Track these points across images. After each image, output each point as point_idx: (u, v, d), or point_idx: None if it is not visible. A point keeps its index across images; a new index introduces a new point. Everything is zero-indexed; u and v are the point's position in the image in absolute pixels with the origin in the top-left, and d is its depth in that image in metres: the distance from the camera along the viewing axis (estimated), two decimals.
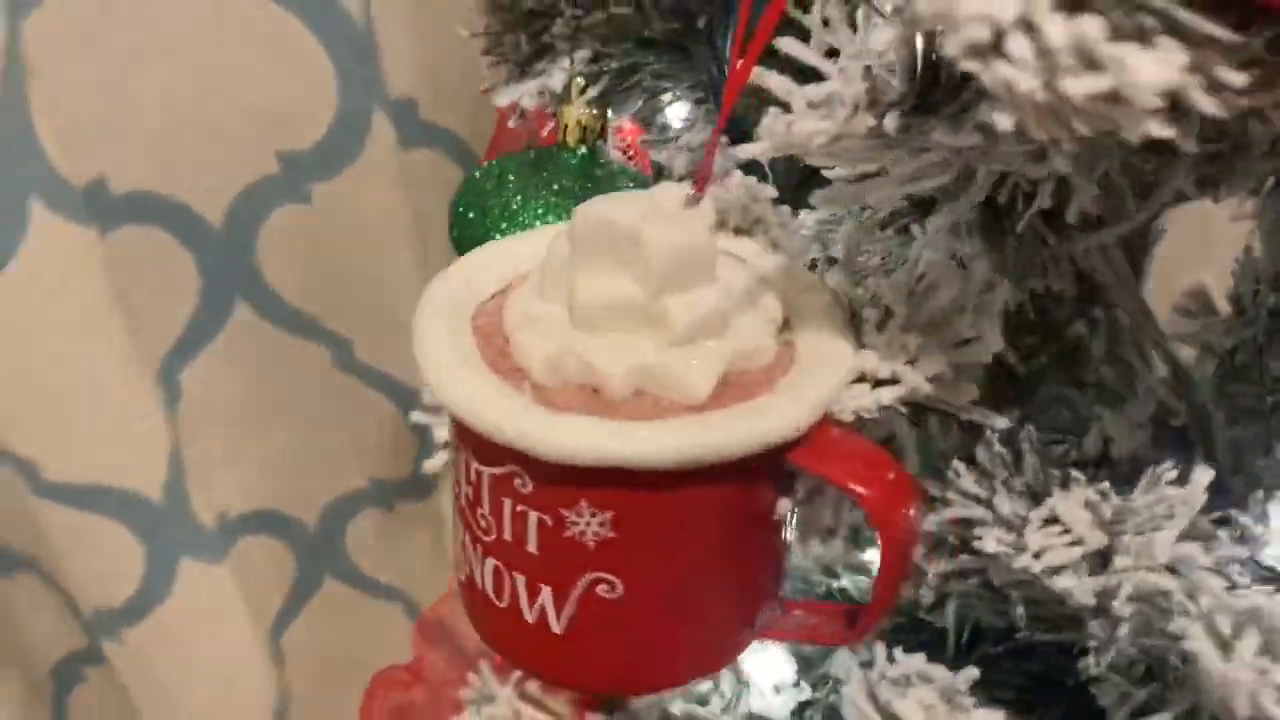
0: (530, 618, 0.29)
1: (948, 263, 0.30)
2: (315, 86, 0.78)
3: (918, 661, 0.34)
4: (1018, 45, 0.19)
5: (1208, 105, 0.20)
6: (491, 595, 0.30)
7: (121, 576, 0.85)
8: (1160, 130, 0.20)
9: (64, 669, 1.01)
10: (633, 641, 0.29)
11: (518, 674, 0.55)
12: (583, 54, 0.41)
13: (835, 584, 0.45)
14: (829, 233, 0.35)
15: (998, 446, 0.33)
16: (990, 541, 0.32)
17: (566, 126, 0.44)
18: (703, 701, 0.43)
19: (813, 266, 0.35)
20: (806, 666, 0.43)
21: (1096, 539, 0.31)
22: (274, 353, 0.92)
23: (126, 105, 0.77)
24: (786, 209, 0.35)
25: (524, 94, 0.41)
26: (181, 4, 0.75)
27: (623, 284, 0.27)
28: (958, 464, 0.33)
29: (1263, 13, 0.21)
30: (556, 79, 0.42)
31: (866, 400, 0.28)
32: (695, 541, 0.28)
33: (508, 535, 0.28)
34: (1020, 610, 0.34)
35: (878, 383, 0.28)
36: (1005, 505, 0.32)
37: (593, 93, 0.41)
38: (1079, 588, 0.31)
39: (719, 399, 0.27)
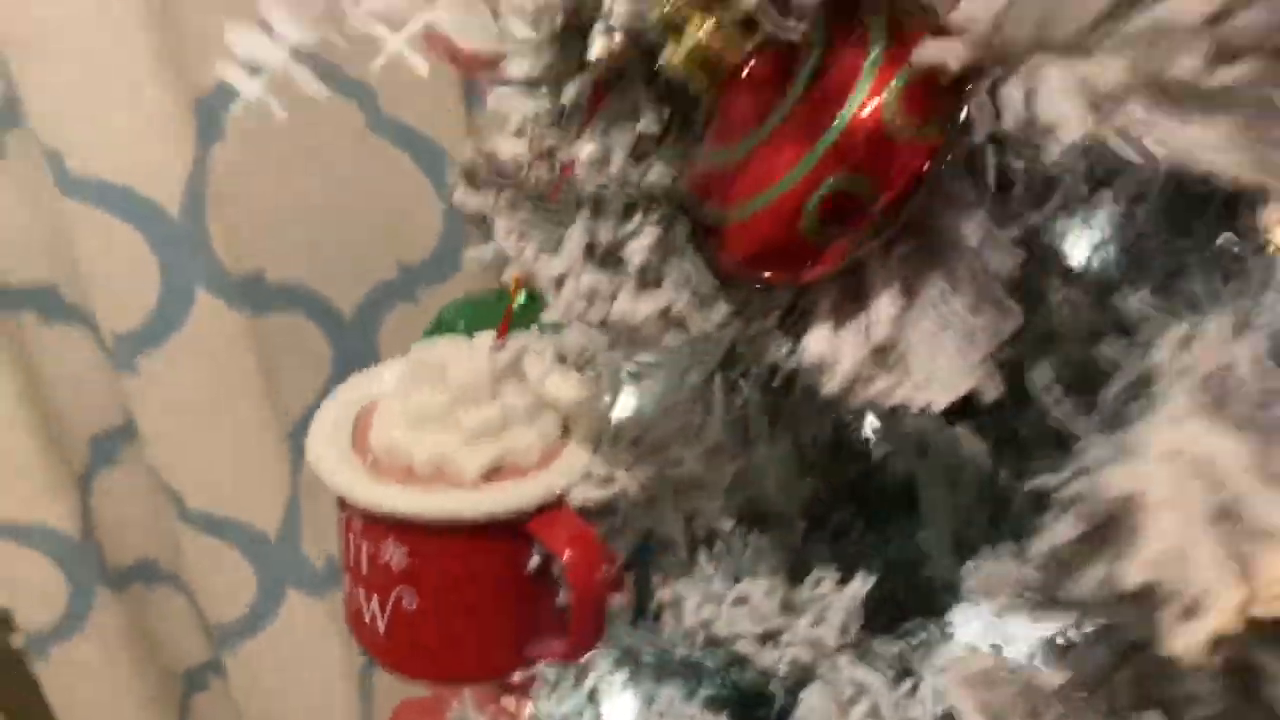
0: (367, 618, 0.44)
1: (676, 403, 0.43)
2: (426, 214, 0.97)
3: (673, 692, 0.47)
4: (569, 288, 0.33)
5: (695, 325, 0.33)
6: (350, 601, 0.45)
7: (236, 596, 1.05)
8: (671, 340, 0.34)
9: (193, 675, 1.21)
10: (426, 641, 0.43)
11: (493, 706, 0.69)
12: None
13: None
14: (646, 372, 0.49)
15: (739, 542, 0.46)
16: (705, 611, 0.44)
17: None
18: None
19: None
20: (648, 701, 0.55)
21: (775, 620, 0.43)
22: None
23: (284, 216, 0.99)
24: (616, 354, 0.49)
25: (485, 252, 0.57)
26: (329, 142, 0.95)
27: (433, 398, 0.42)
28: (701, 552, 0.45)
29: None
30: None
31: (589, 494, 0.42)
32: (463, 574, 0.42)
33: (353, 560, 0.43)
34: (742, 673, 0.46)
35: (603, 482, 0.42)
36: (717, 584, 0.44)
37: None
38: (755, 655, 0.43)
39: (491, 480, 0.42)
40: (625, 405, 0.46)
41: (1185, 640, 0.27)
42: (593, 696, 0.56)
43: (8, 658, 1.22)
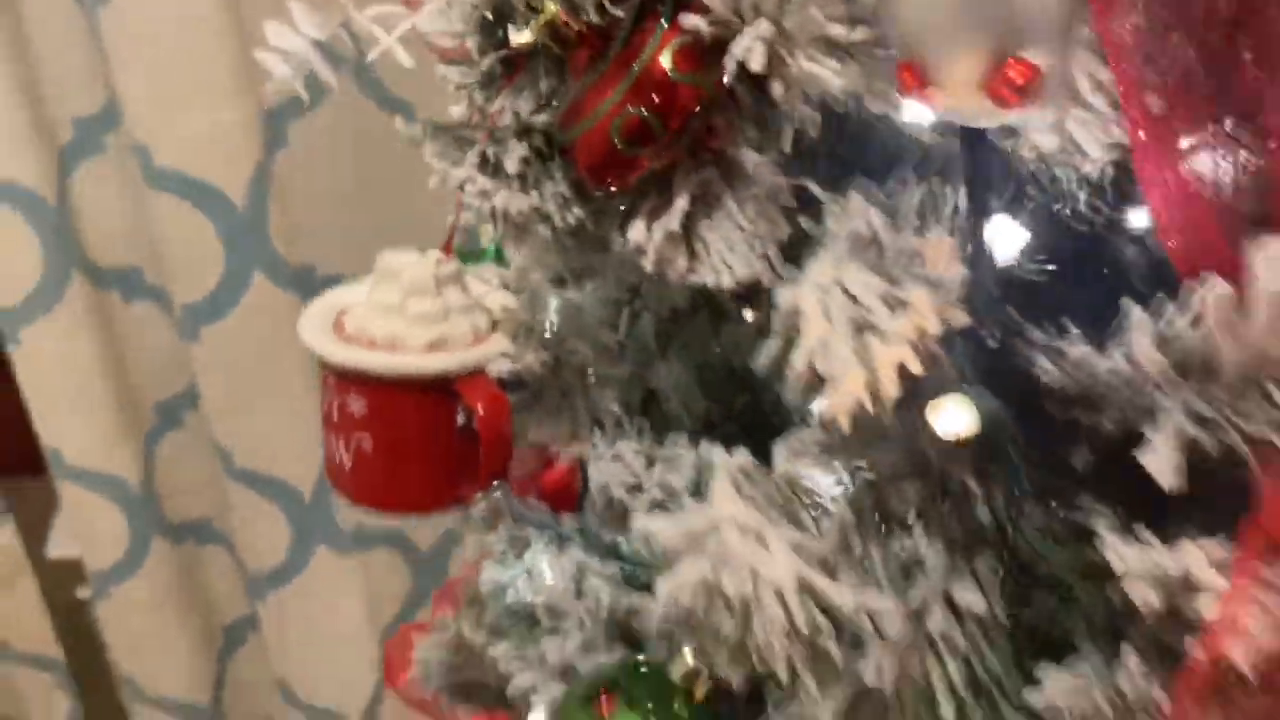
0: (337, 460, 0.59)
1: (581, 313, 0.58)
2: None
3: (593, 562, 0.61)
4: (469, 189, 0.49)
5: (558, 220, 0.49)
6: (327, 449, 0.60)
7: (272, 548, 1.21)
8: (543, 231, 0.49)
9: (233, 629, 1.37)
10: (379, 477, 0.59)
11: (465, 616, 0.84)
12: None
13: None
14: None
15: (623, 420, 0.60)
16: (595, 471, 0.59)
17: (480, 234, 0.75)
18: (511, 586, 0.71)
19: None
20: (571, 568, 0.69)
21: (643, 477, 0.58)
22: None
23: (333, 215, 1.16)
24: (546, 284, 0.64)
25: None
26: (375, 153, 1.13)
27: (390, 294, 0.58)
28: (595, 426, 0.60)
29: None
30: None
31: (501, 367, 0.57)
32: (407, 423, 0.57)
33: (328, 413, 0.59)
34: None
35: (513, 360, 0.57)
36: (601, 449, 0.59)
37: None
38: (627, 500, 0.58)
39: (431, 351, 0.57)
40: (545, 315, 0.62)
41: (831, 407, 0.41)
42: (530, 568, 0.71)
43: (74, 606, 1.40)
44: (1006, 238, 0.44)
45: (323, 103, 1.11)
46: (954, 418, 0.41)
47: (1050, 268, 0.45)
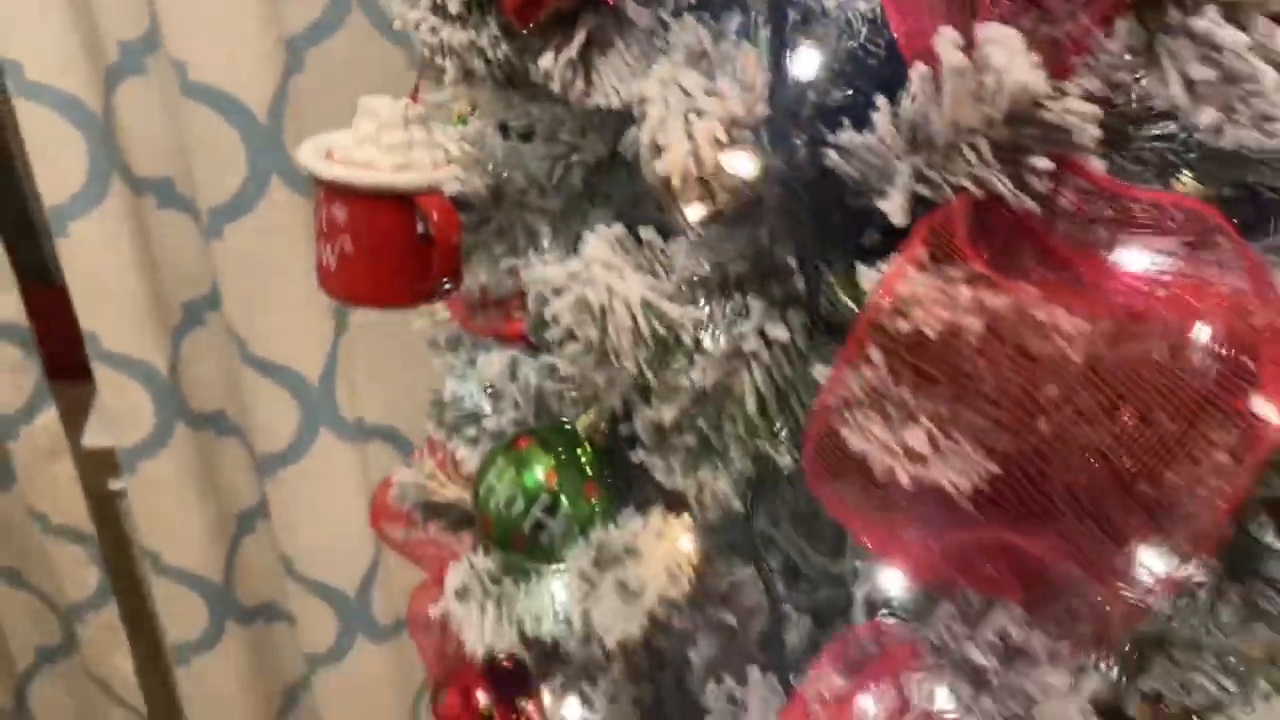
0: (324, 262, 0.77)
1: (516, 151, 0.76)
2: None
3: (528, 361, 0.79)
4: (422, 28, 0.67)
5: (490, 55, 0.67)
6: (318, 256, 0.78)
7: (281, 430, 1.39)
8: (480, 68, 0.67)
9: (245, 517, 1.56)
10: (357, 273, 0.77)
11: (440, 455, 1.01)
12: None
13: None
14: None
15: (555, 241, 0.78)
16: (526, 277, 0.76)
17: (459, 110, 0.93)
18: (466, 395, 0.88)
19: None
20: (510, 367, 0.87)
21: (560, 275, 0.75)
22: None
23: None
24: (497, 139, 0.82)
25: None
26: (379, 75, 1.32)
27: (369, 127, 0.76)
28: (531, 249, 0.78)
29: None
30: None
31: (452, 187, 0.74)
32: (378, 227, 0.75)
33: (318, 223, 0.77)
34: None
35: (461, 182, 0.75)
36: (533, 260, 0.76)
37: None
38: (550, 300, 0.75)
39: (399, 172, 0.75)
40: (491, 153, 0.79)
41: (665, 166, 0.58)
42: (481, 380, 0.89)
43: (105, 497, 1.59)
44: (806, 60, 0.61)
45: (336, 32, 1.30)
46: (741, 163, 0.58)
47: (841, 85, 0.62)
